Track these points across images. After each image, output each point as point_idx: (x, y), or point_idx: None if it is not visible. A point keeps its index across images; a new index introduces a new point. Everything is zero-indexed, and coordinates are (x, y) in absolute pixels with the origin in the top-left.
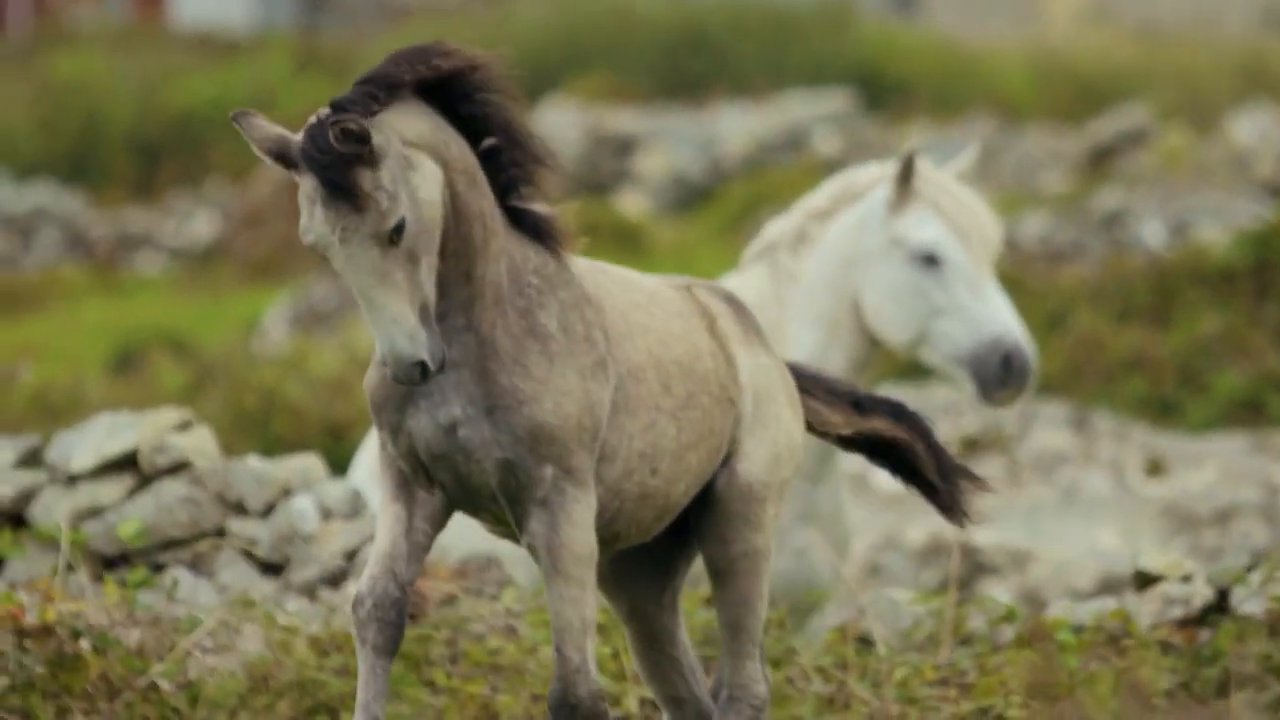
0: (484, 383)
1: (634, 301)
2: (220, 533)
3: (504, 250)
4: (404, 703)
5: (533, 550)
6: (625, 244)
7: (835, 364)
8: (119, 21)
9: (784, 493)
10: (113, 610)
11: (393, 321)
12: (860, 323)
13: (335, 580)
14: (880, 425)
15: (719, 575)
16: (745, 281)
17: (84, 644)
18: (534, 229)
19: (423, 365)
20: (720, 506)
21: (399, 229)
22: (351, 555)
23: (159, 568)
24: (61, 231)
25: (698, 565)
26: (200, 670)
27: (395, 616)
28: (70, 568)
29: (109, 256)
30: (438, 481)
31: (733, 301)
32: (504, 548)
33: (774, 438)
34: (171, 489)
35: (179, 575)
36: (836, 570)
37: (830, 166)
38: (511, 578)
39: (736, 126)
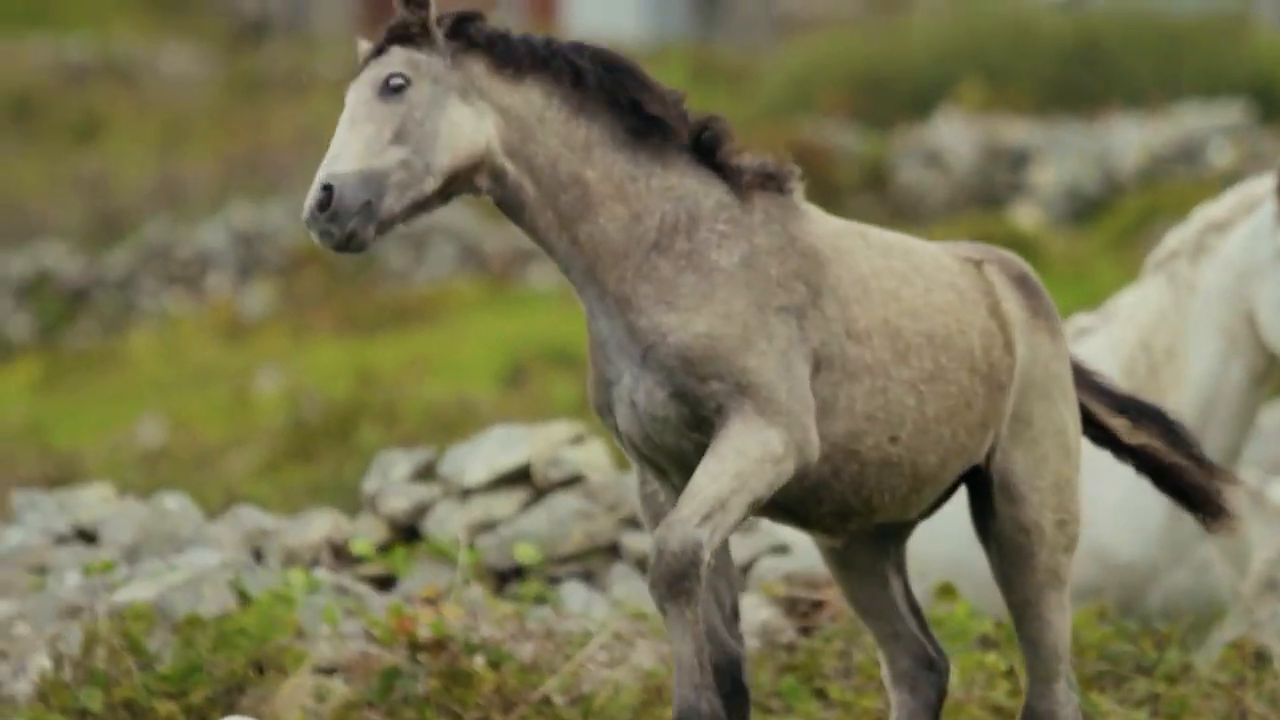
0: (631, 335)
1: (888, 268)
2: (613, 546)
3: (649, 210)
4: (796, 715)
5: None
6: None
7: (1235, 375)
8: None
9: (1065, 492)
10: (506, 623)
11: (332, 155)
12: (1257, 335)
13: None
14: (1151, 437)
15: (1008, 589)
16: (1145, 292)
17: (477, 658)
18: (746, 178)
19: (326, 191)
20: (996, 534)
21: (394, 87)
22: (746, 569)
23: (552, 581)
24: (456, 246)
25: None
26: (593, 683)
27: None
28: (465, 581)
29: (502, 270)
30: (669, 474)
31: (1024, 283)
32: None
33: (1035, 437)
34: (565, 503)
35: (572, 588)
36: (1234, 585)
37: (1225, 179)
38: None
39: (1130, 139)
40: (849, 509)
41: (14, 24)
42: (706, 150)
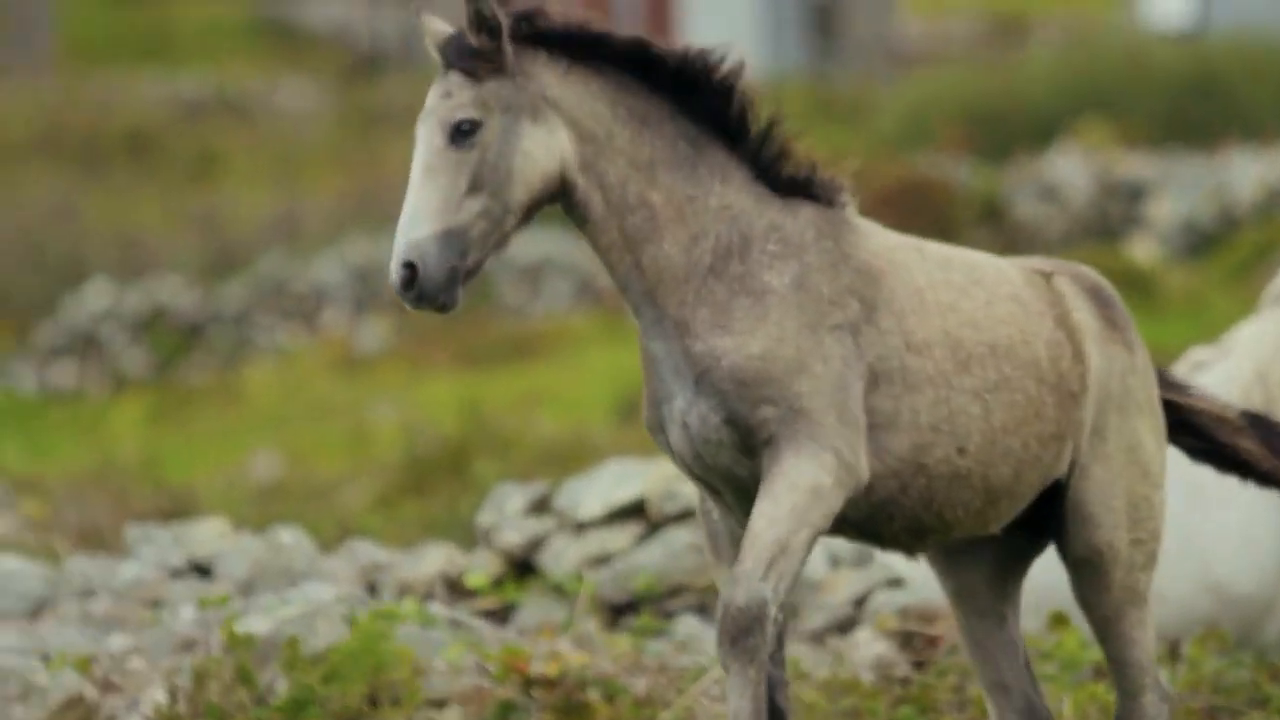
0: (687, 359)
1: (946, 281)
2: None
3: (705, 232)
4: None
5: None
6: (1135, 290)
7: None
8: None
9: (1141, 510)
10: (621, 657)
11: (414, 212)
12: None
13: (844, 627)
14: (1251, 444)
15: (1088, 609)
16: (1261, 325)
17: (591, 692)
18: (798, 192)
19: (412, 272)
20: (1070, 554)
21: (463, 130)
22: (860, 602)
23: (666, 615)
24: (571, 280)
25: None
26: (706, 717)
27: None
28: (580, 615)
29: (618, 304)
30: (722, 494)
31: (1098, 295)
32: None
33: (1110, 453)
34: (679, 536)
35: (687, 622)
36: None
37: None
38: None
39: (1247, 172)
40: (921, 525)
41: (131, 60)
42: (765, 167)
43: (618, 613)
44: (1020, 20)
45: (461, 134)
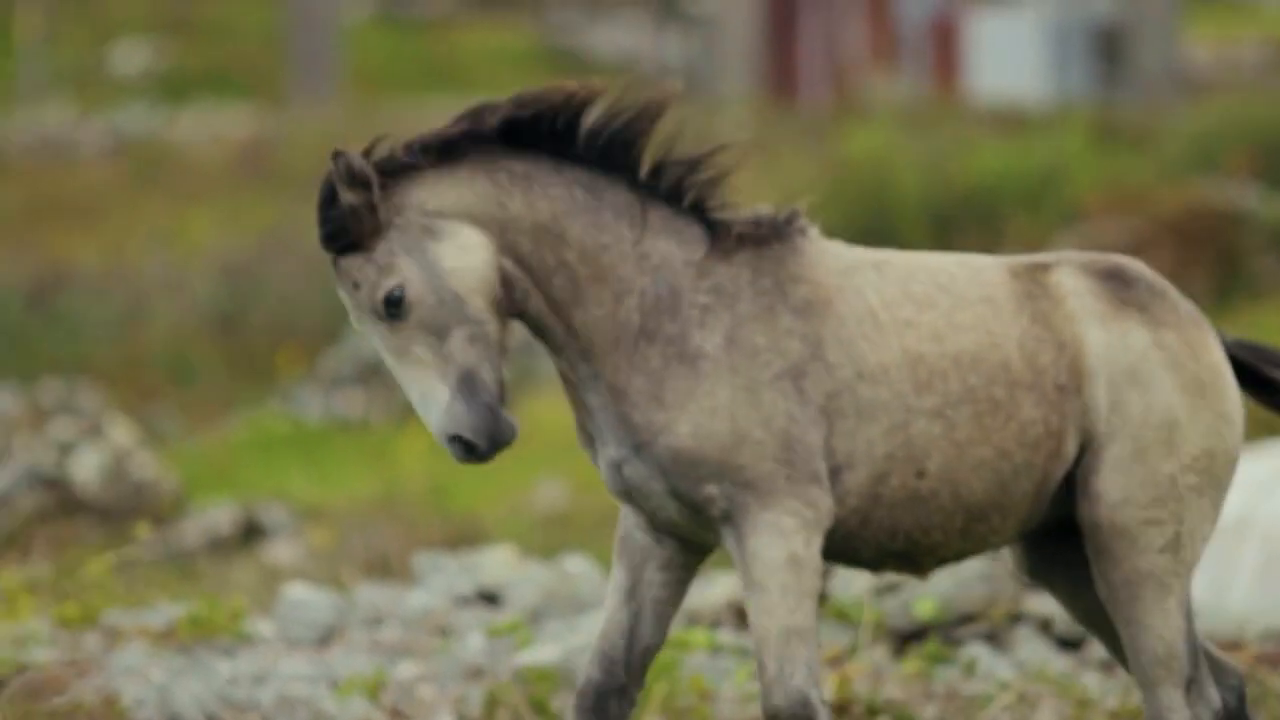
0: (623, 424)
1: (905, 295)
2: (1015, 608)
3: (628, 288)
4: None
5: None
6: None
7: None
8: (914, 96)
9: (1163, 489)
10: (910, 684)
11: (422, 398)
12: None
13: None
14: None
15: (1108, 601)
16: None
17: (881, 719)
18: (728, 229)
19: (464, 441)
20: (1087, 531)
21: (393, 301)
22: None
23: (954, 641)
24: None
25: None
26: None
27: (593, 703)
28: (867, 642)
29: None
30: (650, 516)
31: (1115, 277)
32: None
33: (1132, 432)
34: (969, 566)
35: (975, 650)
36: None
37: None
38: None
39: None
40: (893, 551)
41: (417, 88)
42: (689, 204)
43: (904, 640)
44: None
45: (394, 306)
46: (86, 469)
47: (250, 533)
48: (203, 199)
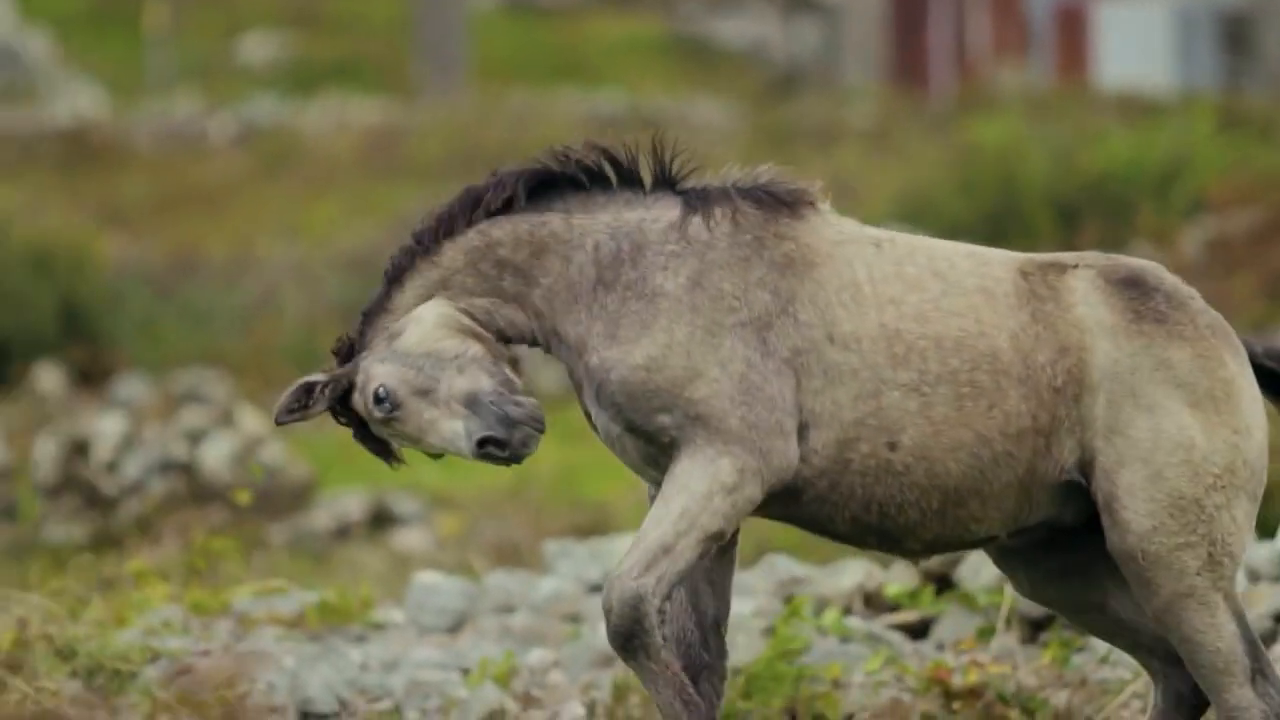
0: (586, 374)
1: (897, 274)
2: None
3: (577, 245)
4: None
5: None
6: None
7: None
8: (1041, 84)
9: (1190, 513)
10: (1042, 671)
11: (446, 442)
12: None
13: (1263, 641)
14: None
15: (1155, 623)
16: None
17: (1012, 705)
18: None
19: (487, 441)
20: (1121, 561)
21: (380, 399)
22: (1279, 617)
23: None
24: None
25: None
26: None
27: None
28: (1000, 627)
29: None
30: (635, 471)
31: (1133, 285)
32: None
33: (1143, 455)
34: None
35: None
36: None
37: None
38: None
39: None
40: (870, 525)
41: (544, 78)
42: (663, 182)
43: (1036, 628)
44: None
45: (383, 402)
46: (216, 457)
47: (379, 520)
48: (330, 189)
